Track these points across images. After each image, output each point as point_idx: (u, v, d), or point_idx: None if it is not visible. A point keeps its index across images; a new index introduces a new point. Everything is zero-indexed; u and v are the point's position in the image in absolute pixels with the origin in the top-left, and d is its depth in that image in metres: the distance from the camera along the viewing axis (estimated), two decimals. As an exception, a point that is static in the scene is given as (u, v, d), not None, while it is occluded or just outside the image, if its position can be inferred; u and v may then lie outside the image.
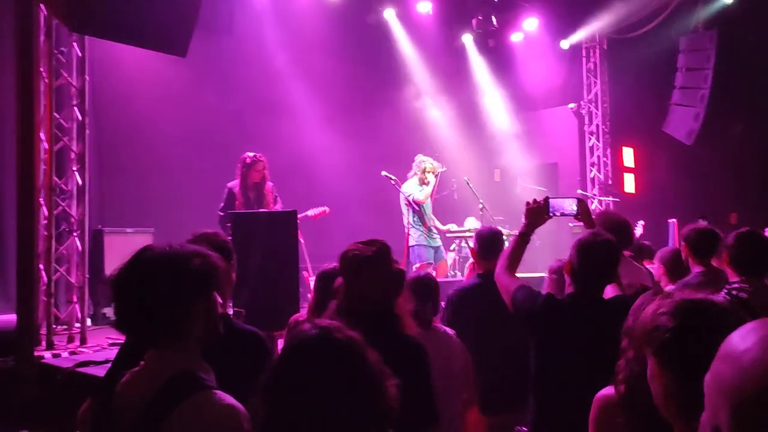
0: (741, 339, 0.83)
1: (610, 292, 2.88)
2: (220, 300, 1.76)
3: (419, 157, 7.52)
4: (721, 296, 2.99)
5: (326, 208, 6.92)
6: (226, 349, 1.93)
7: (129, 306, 1.67)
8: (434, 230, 7.56)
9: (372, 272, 2.36)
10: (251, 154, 6.54)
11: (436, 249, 7.53)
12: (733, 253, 3.28)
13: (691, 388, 1.12)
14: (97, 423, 1.64)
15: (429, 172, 7.38)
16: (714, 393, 0.83)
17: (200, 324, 1.69)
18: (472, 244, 7.64)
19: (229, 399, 1.60)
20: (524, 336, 3.15)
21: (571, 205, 3.30)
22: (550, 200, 3.26)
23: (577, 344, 2.71)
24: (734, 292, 3.09)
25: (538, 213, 3.23)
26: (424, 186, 7.39)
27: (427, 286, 3.33)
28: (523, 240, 3.18)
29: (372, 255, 2.36)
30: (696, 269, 3.86)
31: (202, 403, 1.57)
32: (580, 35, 10.57)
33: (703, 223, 4.27)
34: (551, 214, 3.26)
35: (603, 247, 2.75)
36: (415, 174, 7.45)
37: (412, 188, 7.43)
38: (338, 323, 1.52)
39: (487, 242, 3.95)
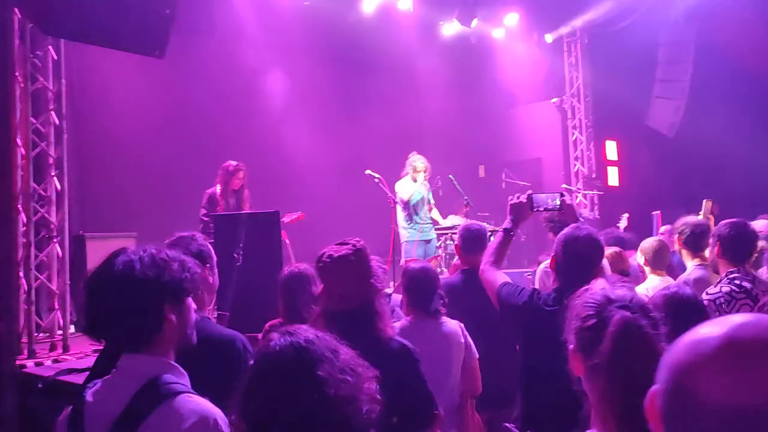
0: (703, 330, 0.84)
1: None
2: (194, 306, 1.74)
3: (412, 156, 7.53)
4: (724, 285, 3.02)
5: (301, 213, 6.98)
6: (202, 352, 1.90)
7: (100, 311, 1.65)
8: (426, 225, 7.55)
9: (348, 271, 2.32)
10: (234, 162, 6.79)
11: (427, 243, 7.54)
12: (726, 245, 3.26)
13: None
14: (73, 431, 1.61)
15: (419, 171, 7.38)
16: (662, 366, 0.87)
17: (174, 329, 1.67)
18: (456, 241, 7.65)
19: (204, 403, 1.59)
20: (509, 332, 3.14)
21: (554, 201, 3.30)
22: (533, 196, 3.25)
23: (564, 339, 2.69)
24: (737, 281, 3.10)
25: (521, 209, 3.23)
26: (412, 183, 7.40)
27: (427, 278, 3.32)
28: (507, 236, 3.16)
29: (346, 254, 2.33)
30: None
31: (177, 408, 1.56)
32: (562, 31, 10.59)
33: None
34: (534, 210, 3.26)
35: (585, 240, 2.73)
36: (407, 173, 7.47)
37: (399, 187, 7.45)
38: (305, 326, 1.51)
39: (471, 238, 3.95)
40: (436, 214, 7.82)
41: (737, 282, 3.15)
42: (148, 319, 1.62)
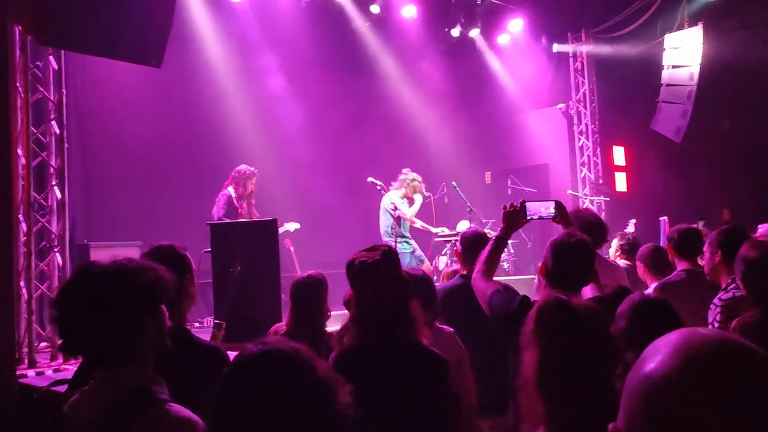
0: (653, 347, 0.80)
1: (588, 292, 2.82)
2: (166, 313, 1.71)
3: (410, 174, 7.28)
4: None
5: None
6: (182, 364, 1.87)
7: (72, 326, 1.61)
8: (407, 236, 7.32)
9: (381, 276, 2.32)
10: (250, 167, 6.80)
11: (411, 253, 7.33)
12: (728, 252, 3.20)
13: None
14: None
15: (418, 192, 7.24)
16: (623, 395, 0.82)
17: (149, 339, 1.64)
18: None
19: (184, 411, 1.57)
20: (505, 338, 3.09)
21: (548, 209, 3.25)
22: (527, 204, 3.21)
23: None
24: (738, 293, 3.04)
25: (514, 217, 3.19)
26: (413, 205, 7.24)
27: (421, 284, 3.28)
28: (499, 244, 3.13)
29: (379, 259, 2.32)
30: (680, 267, 3.82)
31: (157, 418, 1.53)
32: (567, 47, 10.58)
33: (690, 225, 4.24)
34: (528, 218, 3.22)
35: (577, 247, 2.69)
36: (402, 188, 7.26)
37: (398, 201, 7.19)
38: (281, 338, 1.47)
39: (471, 243, 3.92)
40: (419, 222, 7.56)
41: (738, 293, 3.08)
42: (120, 332, 1.59)
